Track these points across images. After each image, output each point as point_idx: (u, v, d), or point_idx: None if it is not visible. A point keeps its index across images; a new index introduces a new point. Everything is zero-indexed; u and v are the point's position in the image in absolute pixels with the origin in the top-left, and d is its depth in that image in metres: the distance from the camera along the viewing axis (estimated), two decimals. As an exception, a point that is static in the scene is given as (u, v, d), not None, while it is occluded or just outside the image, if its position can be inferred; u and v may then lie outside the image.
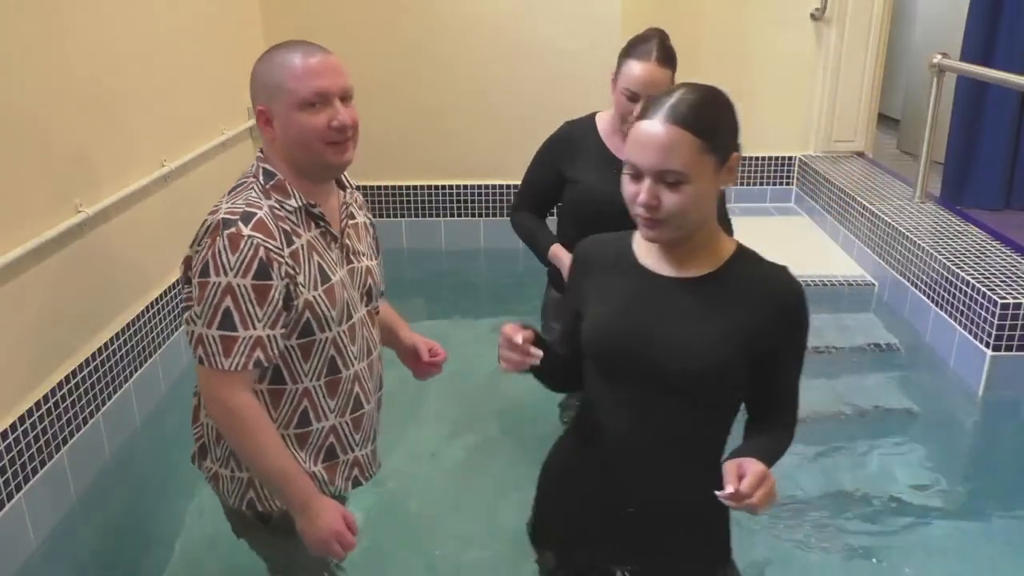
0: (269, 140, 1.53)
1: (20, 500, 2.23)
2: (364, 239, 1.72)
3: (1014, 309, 2.92)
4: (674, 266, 1.38)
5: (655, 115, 1.27)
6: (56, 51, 2.45)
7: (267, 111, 1.50)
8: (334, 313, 1.55)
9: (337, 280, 1.57)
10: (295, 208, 1.52)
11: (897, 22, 5.44)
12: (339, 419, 1.64)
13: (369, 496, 2.27)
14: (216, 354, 1.46)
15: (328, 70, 1.49)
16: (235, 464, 1.60)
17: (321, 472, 1.63)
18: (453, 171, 4.58)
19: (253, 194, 1.51)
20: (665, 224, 1.30)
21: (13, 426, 2.20)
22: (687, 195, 1.28)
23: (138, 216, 2.91)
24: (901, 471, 2.68)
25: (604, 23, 4.28)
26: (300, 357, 1.55)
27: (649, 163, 1.27)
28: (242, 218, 1.45)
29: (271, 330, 1.47)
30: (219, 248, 1.43)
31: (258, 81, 1.52)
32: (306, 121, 1.48)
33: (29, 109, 2.32)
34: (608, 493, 1.45)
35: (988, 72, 3.80)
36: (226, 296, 1.44)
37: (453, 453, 2.79)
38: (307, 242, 1.53)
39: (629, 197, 1.32)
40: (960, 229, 3.69)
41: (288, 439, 1.58)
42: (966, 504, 2.54)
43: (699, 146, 1.26)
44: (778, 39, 4.71)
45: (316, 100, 1.47)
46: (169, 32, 3.16)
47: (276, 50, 1.52)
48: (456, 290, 4.29)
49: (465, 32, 4.33)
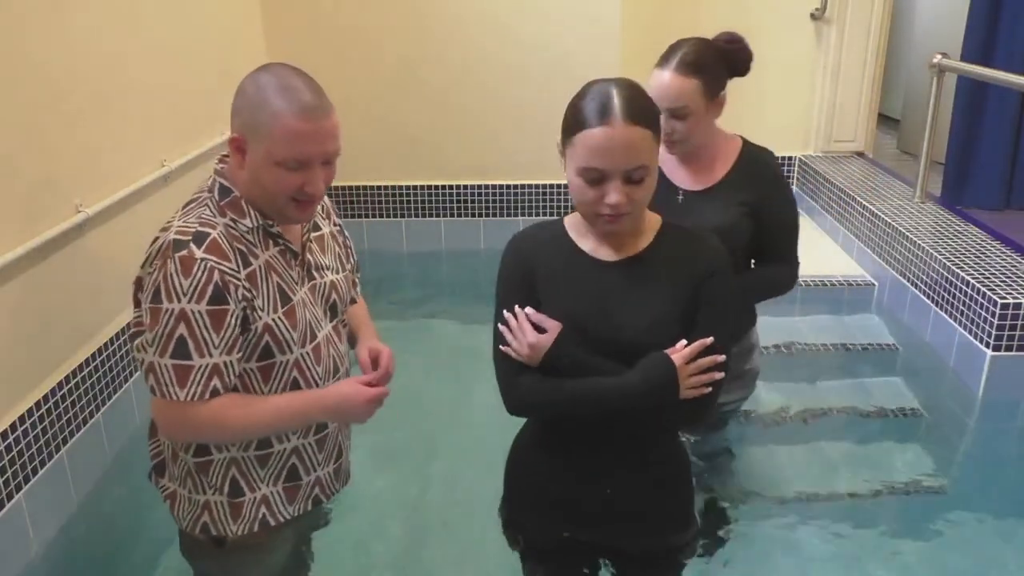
0: (236, 164, 1.45)
1: (20, 500, 2.22)
2: (330, 251, 1.64)
3: (1014, 309, 2.92)
4: (613, 248, 1.47)
5: (609, 117, 1.33)
6: (56, 51, 2.45)
7: (243, 142, 1.42)
8: (295, 335, 1.49)
9: (298, 300, 1.50)
10: (251, 228, 1.45)
11: (897, 22, 5.44)
12: (302, 440, 1.57)
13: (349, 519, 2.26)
14: (170, 384, 1.38)
15: (320, 136, 1.40)
16: (193, 484, 1.55)
17: (279, 494, 1.57)
18: (453, 171, 4.58)
19: (207, 211, 1.43)
20: (628, 217, 1.40)
21: (13, 426, 2.20)
22: (648, 186, 1.39)
23: (138, 216, 2.91)
24: (901, 471, 2.67)
25: (604, 23, 4.29)
26: (260, 380, 1.49)
27: (618, 165, 1.35)
28: (194, 239, 1.38)
29: (228, 356, 1.41)
30: (170, 272, 1.36)
31: (243, 109, 1.42)
32: (279, 178, 1.40)
33: (29, 109, 2.32)
34: (575, 472, 1.52)
35: (988, 72, 3.79)
36: (180, 323, 1.36)
37: (434, 469, 2.76)
38: (265, 262, 1.46)
39: (590, 200, 1.38)
40: (960, 229, 3.69)
41: (247, 461, 1.53)
42: (966, 504, 2.53)
43: (652, 137, 1.37)
44: (778, 39, 4.71)
45: (297, 166, 1.40)
46: (169, 32, 3.16)
47: (269, 80, 1.40)
48: (456, 290, 4.29)
49: (465, 32, 4.33)
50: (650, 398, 1.40)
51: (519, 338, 1.44)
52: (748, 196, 1.96)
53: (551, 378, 1.43)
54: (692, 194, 2.00)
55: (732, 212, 1.95)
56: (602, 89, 1.37)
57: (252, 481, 1.55)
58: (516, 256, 1.52)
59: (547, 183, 4.55)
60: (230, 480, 1.54)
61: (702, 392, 1.41)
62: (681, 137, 1.94)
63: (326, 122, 1.41)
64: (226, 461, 1.53)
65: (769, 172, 2.02)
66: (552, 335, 1.42)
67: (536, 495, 1.58)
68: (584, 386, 1.42)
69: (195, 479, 1.54)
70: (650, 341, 1.42)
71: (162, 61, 3.10)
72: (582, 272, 1.47)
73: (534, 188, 4.55)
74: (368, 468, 2.70)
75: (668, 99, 1.89)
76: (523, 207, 4.61)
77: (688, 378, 1.40)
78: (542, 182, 4.54)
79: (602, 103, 1.34)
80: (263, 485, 1.55)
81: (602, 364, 1.42)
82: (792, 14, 4.77)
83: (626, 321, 1.43)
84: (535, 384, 1.44)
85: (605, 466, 1.50)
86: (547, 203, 4.58)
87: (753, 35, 2.11)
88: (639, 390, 1.39)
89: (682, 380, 1.39)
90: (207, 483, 1.54)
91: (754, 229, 1.99)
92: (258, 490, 1.55)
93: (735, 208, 1.96)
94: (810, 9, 4.77)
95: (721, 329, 1.45)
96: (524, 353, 1.43)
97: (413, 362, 3.39)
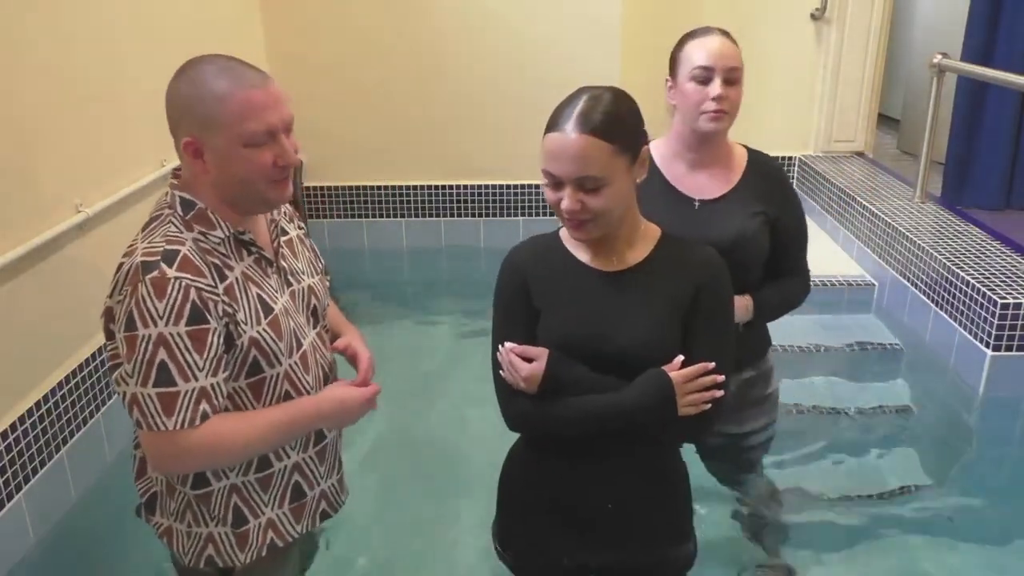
0: (197, 173, 1.37)
1: (20, 500, 2.23)
2: (301, 255, 1.58)
3: (1014, 309, 2.92)
4: (609, 259, 1.47)
5: (565, 125, 1.34)
6: (56, 51, 2.45)
7: (198, 143, 1.34)
8: (282, 346, 1.42)
9: (280, 309, 1.44)
10: (222, 238, 1.39)
11: (897, 22, 5.44)
12: (302, 455, 1.53)
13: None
14: (156, 414, 1.30)
15: (274, 102, 1.35)
16: (193, 517, 1.47)
17: (285, 515, 1.52)
18: (453, 171, 4.58)
19: (172, 228, 1.36)
20: (592, 223, 1.39)
21: (13, 426, 2.20)
22: (607, 197, 1.37)
23: (138, 216, 2.89)
24: (901, 471, 2.68)
25: (604, 23, 4.29)
26: (251, 398, 1.42)
27: (567, 172, 1.35)
28: (164, 258, 1.30)
29: (214, 378, 1.33)
30: (142, 296, 1.28)
31: (184, 109, 1.34)
32: (251, 159, 1.34)
33: (29, 109, 2.32)
34: (572, 489, 1.50)
35: (988, 72, 3.79)
36: (159, 348, 1.28)
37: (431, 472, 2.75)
38: (242, 273, 1.39)
39: (552, 203, 1.41)
40: (960, 229, 3.69)
41: (249, 487, 1.47)
42: (966, 504, 2.54)
43: (611, 150, 1.34)
44: (778, 39, 4.72)
45: (265, 139, 1.34)
46: (169, 32, 3.16)
47: (200, 73, 1.34)
48: (456, 290, 4.29)
49: (465, 32, 4.33)
50: (647, 416, 1.40)
51: (513, 373, 1.44)
52: (763, 205, 1.87)
53: (548, 398, 1.43)
54: (707, 202, 1.89)
55: (751, 220, 1.85)
56: (577, 96, 1.37)
57: (256, 507, 1.49)
58: (511, 271, 1.52)
59: (547, 183, 4.54)
60: (233, 509, 1.48)
61: (701, 409, 1.40)
62: (732, 107, 1.81)
63: (273, 88, 1.37)
64: (227, 489, 1.47)
65: (782, 179, 1.95)
66: (542, 362, 1.42)
67: (530, 506, 1.56)
68: (581, 405, 1.41)
69: (195, 512, 1.47)
70: (647, 353, 1.41)
71: (162, 61, 3.09)
72: (578, 282, 1.47)
73: (534, 188, 4.55)
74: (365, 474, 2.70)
75: (727, 57, 1.80)
76: (523, 207, 4.61)
77: (686, 396, 1.39)
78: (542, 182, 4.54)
79: (565, 110, 1.35)
80: (268, 509, 1.50)
81: (599, 381, 1.42)
82: (792, 14, 4.77)
83: (623, 333, 1.42)
84: (532, 407, 1.45)
85: (602, 477, 1.49)
86: (547, 203, 4.58)
87: (753, 35, 2.11)
88: (636, 409, 1.39)
89: (680, 398, 1.39)
90: (209, 515, 1.47)
91: (771, 238, 1.90)
92: (263, 515, 1.50)
93: (753, 216, 1.86)
94: (810, 9, 4.77)
95: (719, 343, 1.44)
96: (521, 387, 1.44)
97: (413, 362, 3.39)
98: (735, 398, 1.90)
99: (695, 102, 1.80)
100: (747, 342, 1.90)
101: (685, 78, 1.82)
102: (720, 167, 1.90)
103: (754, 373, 2.02)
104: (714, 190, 1.88)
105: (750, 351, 1.99)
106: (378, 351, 1.72)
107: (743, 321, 1.84)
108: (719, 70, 1.78)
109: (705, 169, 1.89)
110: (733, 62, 1.80)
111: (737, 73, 1.81)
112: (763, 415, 2.09)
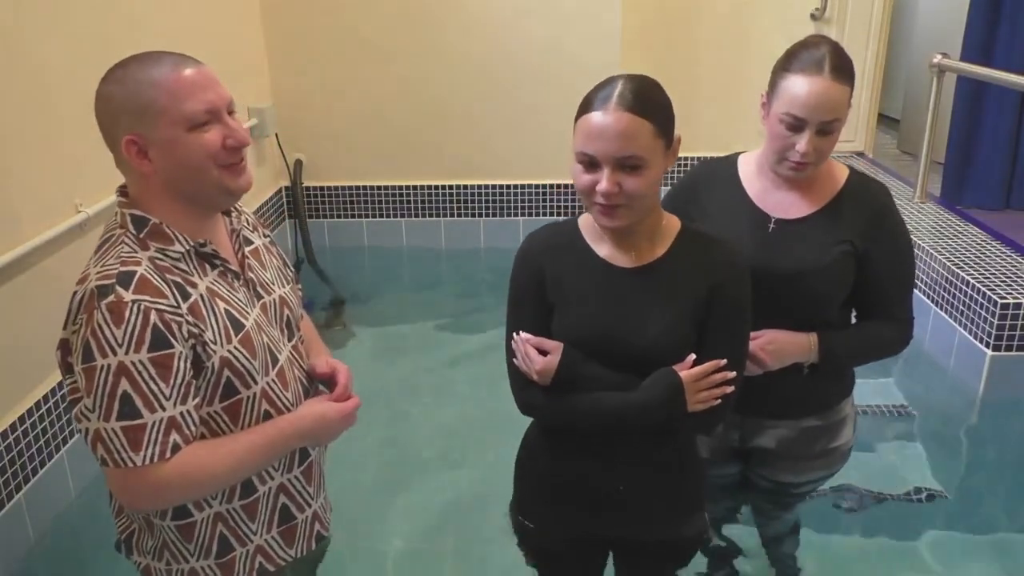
0: (143, 175, 1.27)
1: (20, 500, 2.23)
2: (269, 264, 1.48)
3: (1014, 309, 2.92)
4: (629, 253, 1.45)
5: (607, 104, 1.33)
6: (56, 51, 2.45)
7: (140, 140, 1.24)
8: (256, 364, 1.32)
9: (251, 324, 1.34)
10: (182, 253, 1.28)
11: (897, 22, 5.44)
12: (287, 475, 1.43)
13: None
14: (121, 449, 1.20)
15: (210, 81, 1.27)
16: (171, 555, 1.37)
17: (275, 539, 1.43)
18: (453, 171, 4.58)
19: (125, 248, 1.25)
20: (625, 209, 1.36)
21: (13, 426, 2.20)
22: (645, 179, 1.35)
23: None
24: (901, 471, 2.68)
25: (604, 23, 4.29)
26: (228, 422, 1.32)
27: (609, 151, 1.33)
28: (119, 280, 1.20)
29: (183, 405, 1.23)
30: (99, 323, 1.18)
31: (118, 110, 1.24)
32: (198, 142, 1.25)
33: (29, 109, 2.32)
34: (585, 471, 1.52)
35: (988, 72, 3.79)
36: (120, 379, 1.18)
37: (436, 468, 2.77)
38: (207, 289, 1.29)
39: (584, 187, 1.37)
40: (960, 229, 3.69)
41: (234, 514, 1.37)
42: (966, 504, 2.54)
43: (653, 131, 1.34)
44: (778, 39, 4.69)
45: (207, 118, 1.25)
46: (169, 34, 3.16)
47: (126, 71, 1.25)
48: (456, 290, 4.29)
49: (465, 32, 4.33)
50: (656, 414, 1.41)
51: (528, 365, 1.45)
52: (851, 234, 1.65)
53: (559, 392, 1.44)
54: (784, 222, 1.68)
55: (831, 251, 1.64)
56: (613, 79, 1.38)
57: (244, 535, 1.40)
58: (526, 261, 1.51)
59: (547, 183, 4.55)
60: (219, 538, 1.38)
61: (711, 405, 1.41)
62: (819, 158, 1.61)
63: (207, 69, 1.28)
64: (211, 519, 1.36)
65: (880, 209, 1.68)
66: (556, 356, 1.43)
67: (546, 485, 1.58)
68: (591, 402, 1.43)
69: (174, 549, 1.37)
70: (663, 351, 1.41)
71: (162, 61, 3.10)
72: (597, 279, 1.46)
73: (534, 188, 4.55)
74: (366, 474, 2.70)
75: (824, 110, 1.56)
76: (523, 207, 4.61)
77: (697, 393, 1.40)
78: (542, 182, 4.54)
79: (603, 91, 1.35)
80: (256, 536, 1.41)
81: (611, 377, 1.43)
82: (792, 14, 4.76)
83: (638, 334, 1.42)
84: (544, 399, 1.46)
85: (615, 456, 1.50)
86: (547, 203, 4.58)
87: (753, 35, 2.10)
88: (644, 407, 1.40)
89: (690, 396, 1.39)
90: (190, 549, 1.37)
91: (857, 274, 1.67)
92: (251, 542, 1.41)
93: (835, 246, 1.64)
94: (810, 9, 4.77)
95: (734, 340, 1.44)
96: (535, 379, 1.45)
97: (412, 362, 3.39)
98: (794, 445, 1.79)
99: (780, 147, 1.61)
100: (810, 387, 1.72)
101: (777, 113, 1.60)
102: (809, 187, 1.69)
103: (819, 423, 1.79)
104: (795, 210, 1.68)
105: (814, 398, 1.77)
106: (378, 351, 1.72)
107: (806, 362, 1.67)
108: (813, 124, 1.56)
109: (792, 187, 1.69)
110: (833, 114, 1.56)
111: (836, 124, 1.58)
112: (823, 468, 1.87)
